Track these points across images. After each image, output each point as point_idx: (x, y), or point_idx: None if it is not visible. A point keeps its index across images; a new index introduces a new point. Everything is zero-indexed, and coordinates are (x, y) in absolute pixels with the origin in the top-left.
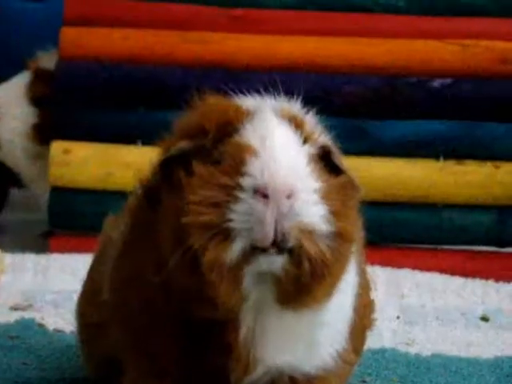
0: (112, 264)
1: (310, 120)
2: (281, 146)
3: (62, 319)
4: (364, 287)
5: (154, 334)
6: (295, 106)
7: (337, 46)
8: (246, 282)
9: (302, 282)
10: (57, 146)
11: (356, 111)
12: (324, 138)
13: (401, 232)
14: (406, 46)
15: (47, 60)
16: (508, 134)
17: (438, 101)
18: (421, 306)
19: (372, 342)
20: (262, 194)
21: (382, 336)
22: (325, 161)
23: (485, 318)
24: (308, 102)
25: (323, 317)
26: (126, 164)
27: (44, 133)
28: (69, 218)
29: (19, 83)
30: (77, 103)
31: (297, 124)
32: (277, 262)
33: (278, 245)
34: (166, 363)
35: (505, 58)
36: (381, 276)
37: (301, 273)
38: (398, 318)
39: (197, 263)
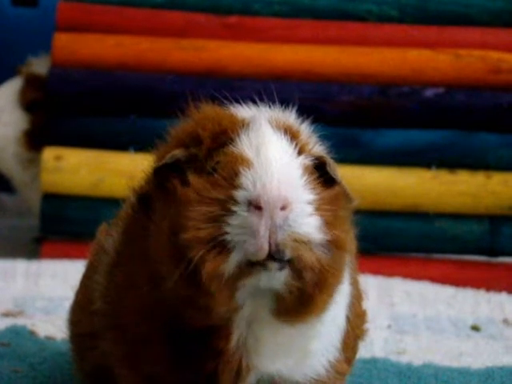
0: (105, 272)
1: (305, 130)
2: (275, 157)
3: (53, 326)
4: (356, 297)
5: (146, 342)
6: (290, 116)
7: (330, 55)
8: (241, 294)
9: (305, 293)
10: (48, 153)
11: (349, 120)
12: (319, 148)
13: (392, 241)
14: (399, 55)
15: (39, 66)
16: (500, 144)
17: (431, 110)
18: (412, 315)
19: (363, 350)
20: (255, 206)
21: (373, 345)
22: (319, 171)
23: (476, 328)
24: (301, 111)
25: (317, 328)
26: (118, 171)
27: (35, 139)
28: (60, 223)
29: (11, 89)
30: (69, 109)
31: (292, 135)
32: (278, 279)
33: (274, 257)
34: (159, 370)
35: (498, 67)
36: (372, 284)
37: (303, 284)
38: (389, 326)
39: (194, 274)
